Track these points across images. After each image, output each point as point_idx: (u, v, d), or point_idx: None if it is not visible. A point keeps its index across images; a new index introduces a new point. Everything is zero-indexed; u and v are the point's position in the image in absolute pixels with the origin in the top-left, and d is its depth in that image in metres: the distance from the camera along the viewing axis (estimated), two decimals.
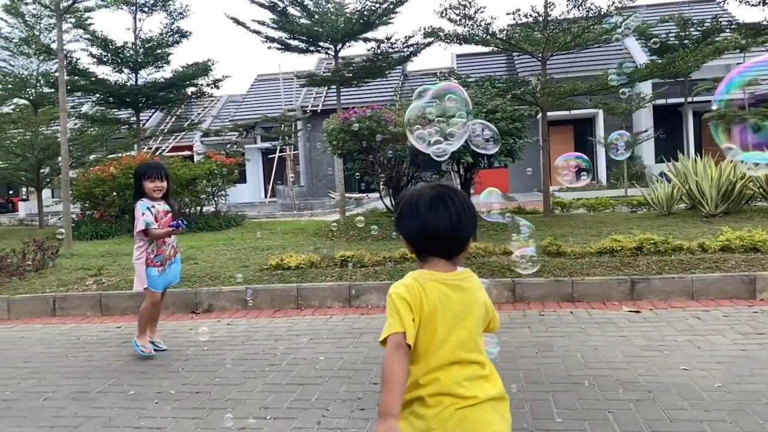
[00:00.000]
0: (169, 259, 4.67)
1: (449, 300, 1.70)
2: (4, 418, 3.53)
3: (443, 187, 1.78)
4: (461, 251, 1.77)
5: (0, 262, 7.27)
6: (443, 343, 1.68)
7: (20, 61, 17.27)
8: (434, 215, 1.72)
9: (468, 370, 1.70)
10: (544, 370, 3.87)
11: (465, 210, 1.74)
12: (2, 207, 28.83)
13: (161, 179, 4.61)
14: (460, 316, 1.70)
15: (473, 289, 1.76)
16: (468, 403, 1.65)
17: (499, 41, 10.83)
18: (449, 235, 1.72)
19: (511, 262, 5.28)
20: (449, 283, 1.72)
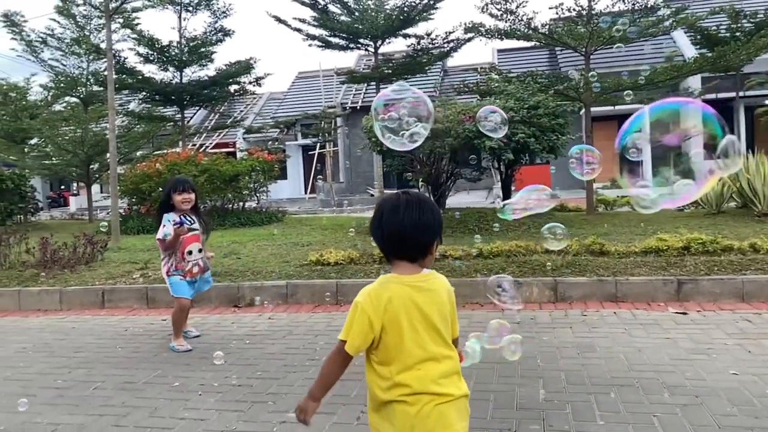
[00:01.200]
0: (191, 275, 4.76)
1: (413, 301, 1.81)
2: (58, 405, 3.67)
3: (410, 194, 1.89)
4: (425, 254, 1.86)
5: (53, 255, 7.55)
6: (414, 342, 1.79)
7: (72, 60, 17.83)
8: (398, 220, 1.82)
9: (442, 366, 1.82)
10: (586, 371, 3.80)
11: (428, 216, 1.84)
12: (55, 201, 29.92)
13: (189, 192, 4.74)
14: (426, 315, 1.82)
15: (437, 290, 1.87)
16: (444, 400, 1.79)
17: (542, 36, 10.66)
18: (412, 239, 1.82)
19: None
20: (413, 285, 1.84)
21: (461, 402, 1.85)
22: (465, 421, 1.85)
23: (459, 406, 1.84)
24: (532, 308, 5.53)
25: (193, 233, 4.78)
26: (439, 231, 1.88)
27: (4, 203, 13.86)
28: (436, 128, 8.47)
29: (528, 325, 4.92)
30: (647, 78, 10.09)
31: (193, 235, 4.77)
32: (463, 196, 17.36)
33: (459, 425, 1.82)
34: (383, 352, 1.83)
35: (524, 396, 3.44)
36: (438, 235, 1.88)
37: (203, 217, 4.98)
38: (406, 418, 1.77)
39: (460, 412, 1.84)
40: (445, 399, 1.80)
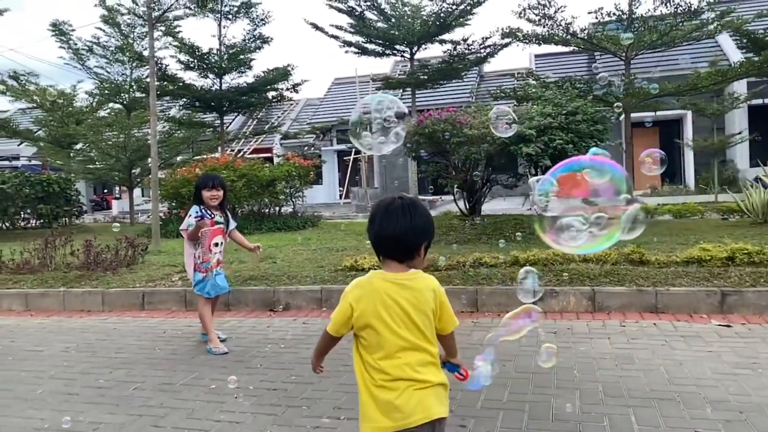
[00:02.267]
0: (216, 266, 4.95)
1: (395, 296, 1.97)
2: (99, 405, 3.77)
3: (403, 199, 2.03)
4: (412, 256, 2.01)
5: (96, 258, 7.77)
6: (395, 332, 1.95)
7: (116, 67, 18.39)
8: (388, 223, 1.99)
9: (420, 356, 1.97)
10: (624, 383, 3.72)
11: (418, 220, 1.99)
12: (98, 205, 30.76)
13: (217, 189, 4.93)
14: (405, 310, 1.96)
15: (420, 288, 2.00)
16: (423, 386, 1.94)
17: (581, 41, 10.52)
18: (401, 241, 1.98)
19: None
20: (395, 282, 1.99)
21: (439, 389, 1.98)
22: (444, 407, 1.98)
23: (437, 393, 1.97)
24: (569, 318, 5.44)
25: (218, 226, 4.98)
26: (429, 235, 2.03)
27: (51, 206, 14.34)
28: (472, 134, 8.44)
29: (565, 335, 4.84)
30: (690, 83, 9.85)
31: (219, 228, 4.98)
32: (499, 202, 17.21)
33: (438, 409, 1.95)
34: (369, 339, 1.98)
35: (560, 407, 3.38)
36: (427, 238, 2.02)
37: (228, 213, 5.14)
38: (388, 402, 1.92)
39: (439, 398, 1.97)
40: (424, 385, 1.94)
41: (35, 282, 7.37)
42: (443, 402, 1.99)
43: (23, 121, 23.50)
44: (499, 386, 3.72)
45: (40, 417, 3.59)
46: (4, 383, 4.28)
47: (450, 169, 9.56)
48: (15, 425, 3.49)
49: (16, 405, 3.82)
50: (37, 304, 6.99)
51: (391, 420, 1.92)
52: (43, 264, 7.94)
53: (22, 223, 14.95)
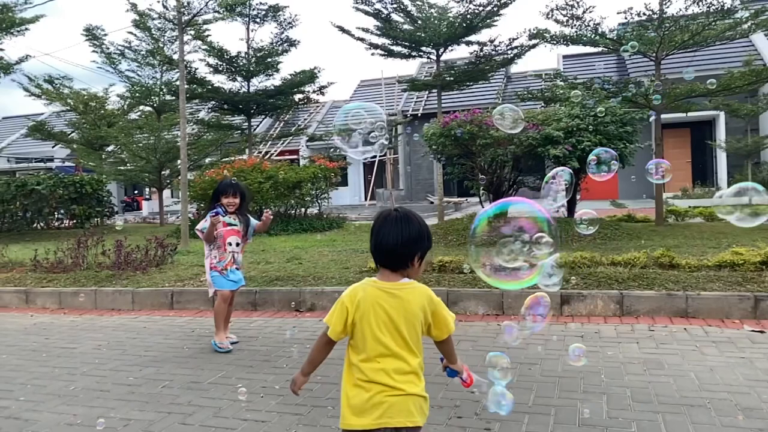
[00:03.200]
0: (230, 265, 5.10)
1: (383, 304, 2.05)
2: (129, 401, 3.85)
3: (399, 211, 2.13)
4: (406, 265, 2.08)
5: (126, 258, 7.93)
6: (377, 338, 2.03)
7: (146, 71, 18.71)
8: (383, 234, 2.09)
9: (398, 364, 2.04)
10: (653, 389, 3.66)
11: (411, 231, 2.07)
12: (128, 206, 31.37)
13: (234, 196, 5.11)
14: (392, 318, 2.04)
15: (408, 298, 2.06)
16: (394, 393, 2.01)
17: (609, 41, 10.37)
18: (394, 250, 2.07)
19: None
20: (386, 290, 2.07)
21: (415, 400, 2.03)
22: (416, 417, 2.03)
23: (414, 403, 2.03)
24: (597, 321, 5.37)
25: (232, 227, 5.13)
26: (421, 245, 2.09)
27: (84, 207, 14.67)
28: (498, 135, 8.39)
29: (592, 339, 4.78)
30: (723, 83, 9.65)
31: (232, 229, 5.13)
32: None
33: (406, 418, 2.01)
34: (356, 341, 2.09)
35: (587, 412, 3.34)
36: (420, 249, 2.09)
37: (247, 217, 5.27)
38: (361, 400, 2.03)
39: (416, 408, 2.03)
40: (396, 392, 2.01)
41: (68, 281, 7.55)
42: (416, 412, 2.03)
43: (57, 123, 24.09)
44: (525, 390, 3.69)
45: (72, 413, 3.68)
46: (39, 379, 4.39)
47: (476, 170, 9.52)
48: (49, 420, 3.58)
49: (50, 401, 3.92)
50: (70, 302, 7.16)
51: (360, 418, 2.02)
52: (76, 263, 8.12)
53: (56, 223, 15.33)
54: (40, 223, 14.86)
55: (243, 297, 6.53)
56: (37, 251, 8.47)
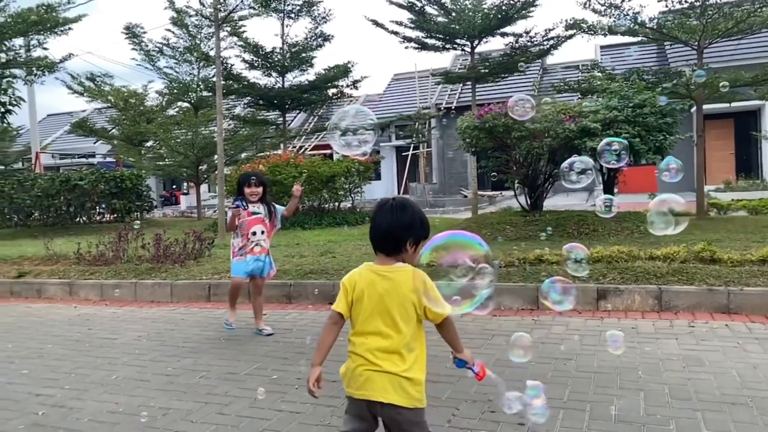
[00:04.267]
0: (251, 253, 5.27)
1: (375, 286, 2.20)
2: (168, 391, 3.95)
3: (395, 199, 2.28)
4: (399, 250, 2.21)
5: (165, 251, 8.11)
6: (368, 317, 2.19)
7: (184, 68, 19.07)
8: (378, 220, 2.25)
9: (383, 342, 2.16)
10: (692, 386, 3.58)
11: (403, 217, 2.20)
12: (167, 200, 32.06)
13: (257, 186, 5.27)
14: (382, 299, 2.18)
15: (399, 281, 2.19)
16: (373, 368, 2.15)
17: (649, 31, 10.10)
18: (385, 235, 2.22)
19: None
20: (379, 273, 2.22)
21: (392, 378, 2.14)
22: (394, 395, 2.13)
23: (391, 381, 2.13)
24: (634, 317, 5.27)
25: (256, 215, 5.27)
26: (413, 231, 2.21)
27: (124, 201, 15.05)
28: (534, 128, 8.28)
29: (629, 335, 4.69)
30: None
31: (256, 217, 5.27)
32: (562, 198, 16.83)
33: (383, 395, 2.13)
34: (353, 318, 2.26)
35: (623, 408, 3.29)
36: (412, 234, 2.20)
37: (271, 206, 5.41)
38: (348, 369, 2.23)
39: (393, 386, 2.14)
40: (373, 368, 2.15)
41: (109, 273, 7.77)
42: (392, 390, 2.13)
43: (99, 120, 24.74)
44: (560, 385, 3.65)
45: (114, 401, 3.80)
46: (82, 368, 4.54)
47: (511, 164, 9.41)
48: (92, 408, 3.70)
49: (93, 389, 4.05)
50: (111, 294, 7.37)
51: (347, 387, 2.23)
52: (117, 256, 8.35)
53: (97, 217, 15.77)
54: (83, 217, 15.30)
55: (277, 290, 6.63)
56: (80, 244, 8.73)
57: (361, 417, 2.24)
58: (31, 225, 14.99)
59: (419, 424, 2.19)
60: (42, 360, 4.83)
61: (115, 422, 3.46)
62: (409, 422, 2.17)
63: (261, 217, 5.30)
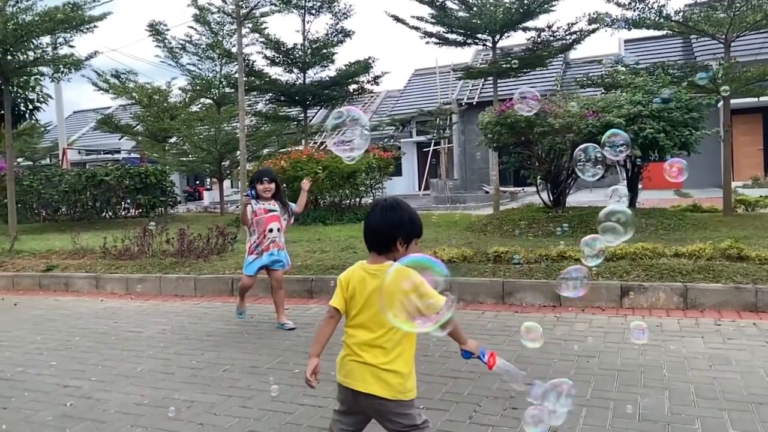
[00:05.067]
0: (266, 250, 5.35)
1: (366, 284, 2.29)
2: (192, 384, 4.01)
3: (387, 200, 2.37)
4: (389, 249, 2.29)
5: (189, 246, 8.21)
6: (358, 313, 2.29)
7: (206, 64, 19.24)
8: (370, 219, 2.34)
9: (368, 336, 2.26)
10: (719, 385, 3.52)
11: (393, 217, 2.29)
12: (190, 195, 32.44)
13: (269, 182, 5.36)
14: (372, 297, 2.25)
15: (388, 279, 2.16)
16: (356, 359, 2.26)
17: (675, 24, 9.93)
18: (375, 234, 2.31)
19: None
20: (369, 271, 2.30)
21: (373, 370, 2.23)
22: (376, 387, 2.22)
23: (371, 372, 2.23)
24: (658, 314, 5.20)
25: (273, 213, 5.37)
26: (401, 231, 2.28)
27: (149, 197, 15.26)
28: (557, 123, 8.20)
29: (653, 333, 4.64)
30: None
31: (273, 215, 5.37)
32: (585, 194, 16.64)
33: (363, 385, 2.23)
34: (348, 311, 2.35)
35: (647, 407, 3.26)
36: (401, 234, 2.28)
37: (284, 201, 5.53)
38: (339, 357, 2.36)
39: (373, 377, 2.23)
40: (356, 359, 2.26)
41: (135, 267, 7.89)
42: (372, 381, 2.22)
43: (123, 116, 25.11)
44: (583, 383, 3.62)
45: (140, 393, 3.86)
46: (109, 361, 4.63)
47: (533, 159, 9.34)
48: (118, 400, 3.77)
49: (119, 381, 4.12)
50: (136, 288, 7.49)
51: (337, 372, 2.36)
52: (142, 251, 8.48)
53: (123, 212, 16.02)
54: (109, 212, 15.55)
55: (299, 285, 6.67)
56: (105, 239, 8.88)
57: (346, 402, 2.36)
58: (58, 220, 15.29)
59: (405, 416, 2.24)
60: (69, 352, 4.94)
61: (140, 414, 3.52)
62: (393, 413, 2.24)
63: (277, 214, 5.40)
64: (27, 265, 8.72)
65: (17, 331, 5.74)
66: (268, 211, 5.36)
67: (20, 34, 12.01)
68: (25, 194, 15.00)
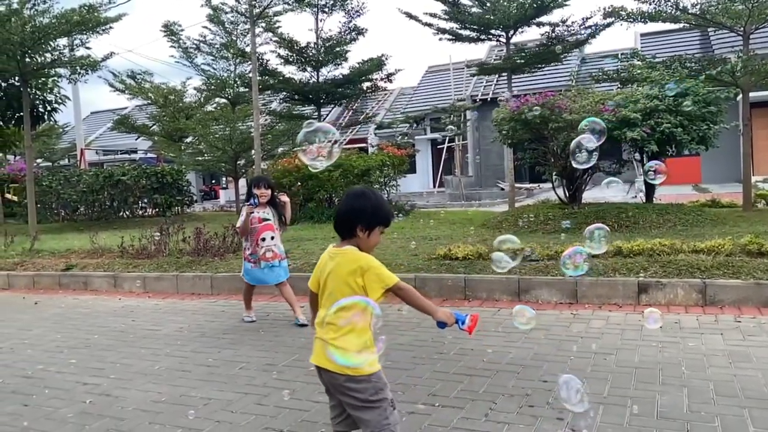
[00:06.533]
0: (264, 259, 5.42)
1: (326, 265, 2.45)
2: (209, 382, 4.04)
3: (355, 188, 2.54)
4: (351, 234, 2.42)
5: (205, 245, 8.27)
6: (323, 292, 2.46)
7: (221, 64, 19.33)
8: (338, 206, 2.52)
9: (324, 313, 2.39)
10: (739, 382, 3.48)
11: (355, 204, 2.42)
12: (206, 195, 32.65)
13: (266, 188, 5.44)
14: (329, 277, 2.42)
15: (340, 262, 2.40)
16: (317, 335, 2.44)
17: (692, 17, 9.80)
18: (338, 220, 2.46)
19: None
20: (330, 254, 2.46)
21: (324, 345, 2.37)
22: (327, 361, 2.36)
23: (322, 347, 2.37)
24: (677, 311, 5.14)
25: (266, 222, 5.44)
26: (362, 218, 2.38)
27: (165, 196, 15.39)
28: (572, 119, 8.14)
29: (672, 330, 4.59)
30: None
31: (266, 224, 5.44)
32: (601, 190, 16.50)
33: (317, 359, 2.41)
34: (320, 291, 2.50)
35: (666, 404, 3.22)
36: (362, 222, 2.38)
37: (279, 210, 5.55)
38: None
39: (323, 352, 2.37)
40: (317, 335, 2.45)
41: (152, 266, 7.96)
42: (325, 357, 2.35)
43: (140, 117, 25.33)
44: (600, 380, 3.60)
45: (157, 391, 3.90)
46: (127, 359, 4.68)
47: (548, 155, 9.27)
48: (135, 397, 3.81)
49: (137, 379, 4.17)
50: (153, 286, 7.56)
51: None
52: (159, 250, 8.55)
53: (140, 211, 16.17)
54: (126, 211, 15.71)
55: None
56: (123, 238, 8.97)
57: (321, 381, 2.51)
58: (77, 219, 15.48)
59: (357, 390, 2.34)
60: (89, 350, 5.00)
61: (158, 411, 3.55)
62: (344, 387, 2.36)
63: (271, 223, 5.46)
64: (47, 265, 8.84)
65: (38, 330, 5.82)
66: (263, 219, 5.43)
67: (38, 37, 12.17)
68: (44, 194, 15.21)
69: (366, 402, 2.34)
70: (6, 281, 8.63)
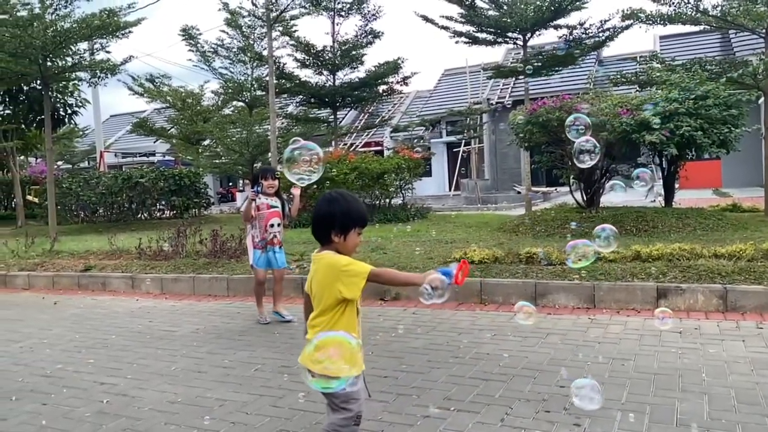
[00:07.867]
0: (271, 244, 5.67)
1: (311, 270, 2.50)
2: (225, 383, 4.05)
3: (327, 194, 2.50)
4: (327, 239, 2.43)
5: (222, 246, 8.32)
6: (312, 296, 2.49)
7: (238, 68, 19.50)
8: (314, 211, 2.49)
9: (310, 315, 2.48)
10: (761, 390, 3.41)
11: (327, 209, 2.42)
12: (223, 197, 32.88)
13: (273, 179, 5.69)
14: (312, 281, 2.48)
15: (318, 267, 2.45)
16: (308, 336, 2.45)
17: (712, 19, 9.68)
18: (314, 227, 2.47)
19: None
20: (314, 260, 2.50)
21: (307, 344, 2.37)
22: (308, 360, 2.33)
23: (306, 347, 2.36)
24: (697, 317, 5.06)
25: (274, 209, 5.67)
26: (333, 223, 2.38)
27: (183, 198, 15.52)
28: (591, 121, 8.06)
29: (691, 336, 4.52)
30: None
31: (274, 210, 5.68)
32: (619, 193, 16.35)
33: (302, 359, 2.35)
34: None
35: (685, 412, 3.17)
36: (333, 226, 2.38)
37: (285, 200, 5.86)
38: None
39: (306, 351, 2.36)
40: (307, 336, 2.46)
41: (169, 268, 8.02)
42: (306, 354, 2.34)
43: (158, 120, 25.61)
44: (618, 386, 3.55)
45: (174, 391, 3.92)
46: (144, 359, 4.71)
47: (566, 159, 9.20)
48: (152, 398, 3.83)
49: (153, 380, 4.19)
50: (170, 287, 7.61)
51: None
52: (176, 251, 8.62)
53: (158, 213, 16.33)
54: (144, 213, 15.87)
55: None
56: (141, 240, 9.05)
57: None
58: (96, 221, 15.66)
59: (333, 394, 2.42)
60: (106, 350, 5.04)
61: (174, 412, 3.57)
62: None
63: (278, 211, 5.70)
64: (66, 265, 8.95)
65: (57, 329, 5.89)
66: (271, 206, 5.66)
67: (59, 41, 12.37)
68: (64, 196, 15.42)
69: (336, 407, 2.50)
70: (26, 281, 8.75)
